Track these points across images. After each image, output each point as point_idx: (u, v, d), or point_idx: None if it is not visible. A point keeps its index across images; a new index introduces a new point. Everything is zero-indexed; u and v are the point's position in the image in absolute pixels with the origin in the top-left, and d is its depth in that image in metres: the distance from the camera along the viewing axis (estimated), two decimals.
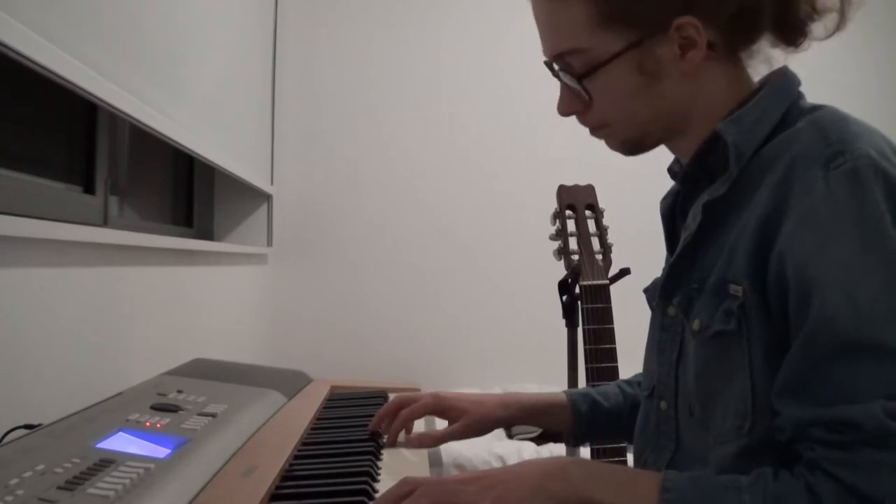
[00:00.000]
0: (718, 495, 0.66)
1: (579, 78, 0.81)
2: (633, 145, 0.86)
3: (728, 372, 0.75)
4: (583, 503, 0.69)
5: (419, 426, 1.10)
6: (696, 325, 0.79)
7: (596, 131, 0.86)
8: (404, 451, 1.03)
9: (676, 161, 0.91)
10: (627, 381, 1.11)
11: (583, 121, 0.86)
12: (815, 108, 0.79)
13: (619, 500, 0.69)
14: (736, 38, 0.79)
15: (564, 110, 0.86)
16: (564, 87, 0.85)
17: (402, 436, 1.05)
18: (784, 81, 0.81)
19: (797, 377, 0.67)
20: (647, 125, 0.83)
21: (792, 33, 0.81)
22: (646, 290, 0.97)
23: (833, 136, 0.71)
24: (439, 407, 1.05)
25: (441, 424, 1.08)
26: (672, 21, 0.76)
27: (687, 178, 0.87)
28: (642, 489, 0.69)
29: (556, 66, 0.84)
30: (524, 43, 2.53)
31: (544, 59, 0.85)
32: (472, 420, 1.03)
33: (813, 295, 0.66)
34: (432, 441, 1.03)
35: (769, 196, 0.72)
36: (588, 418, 1.06)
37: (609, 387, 1.10)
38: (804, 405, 0.66)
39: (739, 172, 0.77)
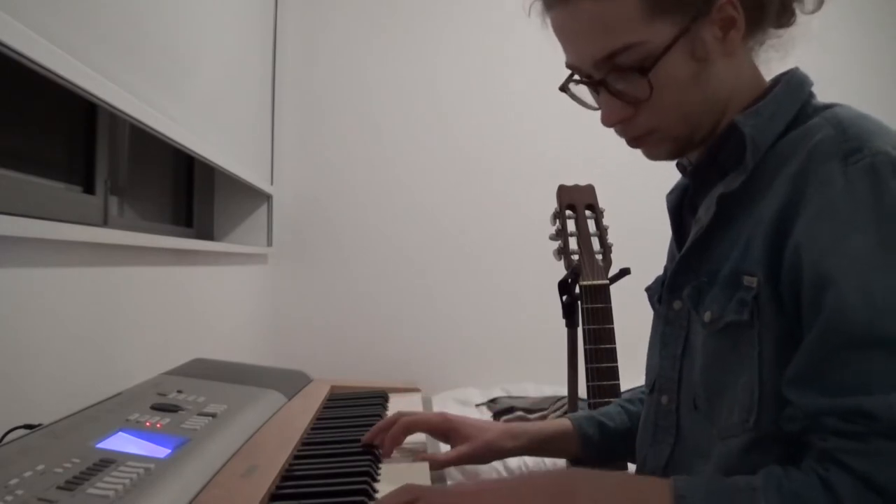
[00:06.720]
0: (734, 499, 0.65)
1: (643, 71, 0.77)
2: (682, 144, 0.84)
3: (737, 364, 0.75)
4: None
5: (418, 439, 1.07)
6: (706, 316, 0.78)
7: (641, 138, 0.83)
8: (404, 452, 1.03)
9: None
10: (629, 400, 1.10)
11: (629, 128, 0.83)
12: (829, 105, 0.79)
13: None
14: (754, 15, 0.80)
15: (614, 119, 0.82)
16: (607, 95, 0.81)
17: (402, 453, 1.02)
18: (797, 79, 0.82)
19: (811, 367, 0.67)
20: (699, 117, 0.81)
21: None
22: (648, 289, 0.97)
23: (851, 131, 0.71)
24: (444, 427, 1.03)
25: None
26: (715, 1, 0.77)
27: (697, 172, 0.86)
28: (654, 498, 0.68)
29: (597, 73, 0.80)
30: (525, 43, 2.53)
31: (574, 64, 0.82)
32: (478, 446, 1.00)
33: (828, 287, 0.67)
34: (437, 465, 0.99)
35: (785, 188, 0.72)
36: (596, 441, 1.05)
37: (611, 407, 1.09)
38: (818, 395, 0.66)
39: (755, 166, 0.78)
